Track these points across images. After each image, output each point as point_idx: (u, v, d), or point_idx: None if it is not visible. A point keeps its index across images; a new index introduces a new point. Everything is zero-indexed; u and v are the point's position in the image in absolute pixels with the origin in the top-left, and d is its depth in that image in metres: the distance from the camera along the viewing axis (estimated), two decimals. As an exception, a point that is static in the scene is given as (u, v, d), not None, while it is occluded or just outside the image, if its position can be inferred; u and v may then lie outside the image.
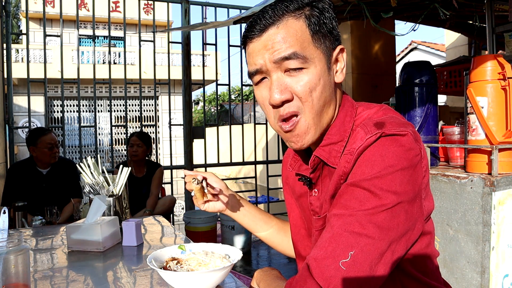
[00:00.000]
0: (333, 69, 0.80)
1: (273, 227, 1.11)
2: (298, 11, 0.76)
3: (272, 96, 0.76)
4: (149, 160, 3.68)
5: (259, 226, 1.10)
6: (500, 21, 2.92)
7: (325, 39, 0.78)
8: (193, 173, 1.02)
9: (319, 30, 0.77)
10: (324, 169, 0.83)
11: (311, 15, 0.77)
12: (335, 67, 0.81)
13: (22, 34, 4.15)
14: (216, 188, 1.03)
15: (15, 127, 3.80)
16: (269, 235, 1.12)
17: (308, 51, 0.75)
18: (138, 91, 4.37)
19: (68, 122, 12.97)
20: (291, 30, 0.75)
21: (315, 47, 0.76)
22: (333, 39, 0.79)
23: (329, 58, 0.78)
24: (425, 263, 0.80)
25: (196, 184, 0.96)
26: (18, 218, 2.18)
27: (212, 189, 1.01)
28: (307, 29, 0.76)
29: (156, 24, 4.32)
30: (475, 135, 1.81)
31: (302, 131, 0.78)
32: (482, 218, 1.69)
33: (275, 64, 0.75)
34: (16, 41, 13.15)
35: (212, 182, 1.04)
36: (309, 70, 0.75)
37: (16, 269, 0.90)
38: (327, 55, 0.78)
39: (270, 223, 1.11)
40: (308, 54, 0.75)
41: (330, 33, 0.78)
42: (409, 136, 0.72)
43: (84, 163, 1.57)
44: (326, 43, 0.78)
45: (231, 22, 3.39)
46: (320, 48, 0.77)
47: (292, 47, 0.74)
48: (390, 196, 0.69)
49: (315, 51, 0.76)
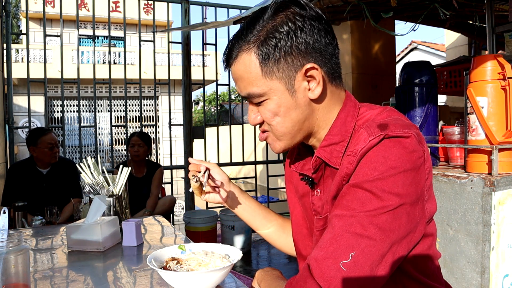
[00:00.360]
0: (302, 88, 0.78)
1: (273, 224, 1.11)
2: (253, 40, 0.77)
3: (249, 120, 0.85)
4: (149, 160, 3.68)
5: (259, 222, 1.10)
6: (500, 21, 2.92)
7: (281, 64, 0.76)
8: (197, 161, 1.03)
9: (272, 58, 0.76)
10: (326, 170, 0.83)
11: (264, 42, 0.76)
12: (307, 84, 0.78)
13: (22, 34, 4.15)
14: (217, 181, 1.03)
15: (15, 127, 3.80)
16: (269, 233, 1.11)
17: (261, 86, 0.78)
18: (138, 91, 4.37)
19: (68, 122, 12.97)
20: (243, 68, 0.79)
21: (267, 78, 0.77)
22: (295, 60, 0.76)
23: (290, 81, 0.77)
24: (427, 265, 0.80)
25: (195, 182, 0.97)
26: (18, 218, 2.18)
27: (213, 182, 1.02)
28: (257, 62, 0.77)
29: (156, 24, 4.32)
30: (475, 135, 1.80)
31: (272, 144, 0.86)
32: (482, 218, 1.69)
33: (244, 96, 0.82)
34: (16, 41, 13.15)
35: (214, 173, 1.04)
36: (270, 100, 0.79)
37: (16, 269, 0.90)
38: (285, 80, 0.77)
39: (270, 219, 1.11)
40: (261, 89, 0.78)
41: (289, 54, 0.76)
42: (413, 138, 0.72)
43: (84, 163, 1.57)
44: (283, 68, 0.76)
45: (231, 22, 3.39)
46: (274, 77, 0.77)
47: (245, 89, 0.80)
48: (392, 198, 0.69)
49: (268, 83, 0.77)
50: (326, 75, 0.80)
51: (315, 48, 0.77)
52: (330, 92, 0.82)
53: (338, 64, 0.82)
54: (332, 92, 0.82)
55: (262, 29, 0.77)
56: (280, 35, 0.75)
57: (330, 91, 0.82)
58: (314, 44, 0.77)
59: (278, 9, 0.77)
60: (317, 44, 0.77)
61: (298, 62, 0.77)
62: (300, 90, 0.78)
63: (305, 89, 0.78)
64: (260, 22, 0.77)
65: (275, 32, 0.76)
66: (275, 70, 0.77)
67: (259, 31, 0.77)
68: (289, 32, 0.75)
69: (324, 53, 0.78)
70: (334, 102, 0.83)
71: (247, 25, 0.79)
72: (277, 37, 0.75)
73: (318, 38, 0.77)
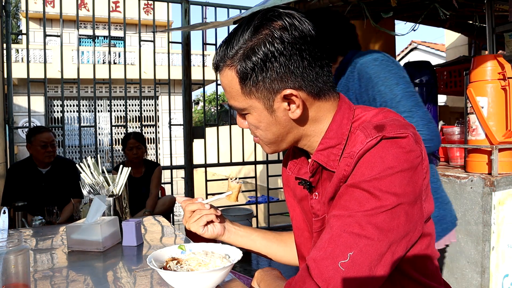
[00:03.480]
0: (282, 108, 0.77)
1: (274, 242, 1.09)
2: (235, 57, 0.76)
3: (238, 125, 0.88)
4: (146, 160, 3.69)
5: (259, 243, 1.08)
6: (500, 21, 2.92)
7: (259, 86, 0.76)
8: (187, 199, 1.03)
9: (250, 79, 0.76)
10: (323, 172, 0.83)
11: (243, 63, 0.75)
12: (287, 105, 0.77)
13: (22, 34, 4.15)
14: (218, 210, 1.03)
15: (15, 127, 3.80)
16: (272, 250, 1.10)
17: (241, 102, 0.80)
18: (138, 91, 4.36)
19: (68, 122, 12.97)
20: (226, 81, 0.80)
21: (247, 97, 0.78)
22: (273, 84, 0.75)
23: (268, 102, 0.77)
24: (425, 265, 0.80)
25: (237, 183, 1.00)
26: (18, 218, 2.18)
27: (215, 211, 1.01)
28: (237, 80, 0.77)
29: (156, 24, 4.32)
30: (475, 135, 1.80)
31: (262, 147, 0.88)
32: (482, 218, 1.69)
33: None
34: (16, 41, 13.15)
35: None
36: (250, 115, 0.81)
37: (16, 269, 0.90)
38: (264, 100, 0.77)
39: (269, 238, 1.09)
40: (242, 105, 0.80)
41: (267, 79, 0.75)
42: (410, 138, 0.72)
43: (84, 163, 1.57)
44: (261, 89, 0.76)
45: (231, 22, 3.39)
46: (253, 97, 0.78)
47: (229, 100, 0.82)
48: (390, 197, 0.69)
49: (247, 100, 0.79)
50: (310, 96, 0.78)
51: (295, 73, 0.75)
52: (316, 107, 0.80)
53: (328, 77, 0.79)
54: (319, 106, 0.80)
55: (246, 45, 0.75)
56: (258, 58, 0.74)
57: (317, 106, 0.80)
58: (295, 70, 0.74)
59: (261, 25, 0.74)
60: (298, 70, 0.75)
61: (277, 85, 0.75)
62: (279, 110, 0.78)
63: (284, 109, 0.78)
64: (244, 36, 0.75)
65: (255, 54, 0.74)
66: (253, 91, 0.77)
67: (240, 47, 0.75)
68: (267, 55, 0.73)
69: (306, 76, 0.76)
70: (324, 113, 0.81)
71: (231, 37, 0.77)
72: (255, 61, 0.74)
73: (300, 62, 0.74)
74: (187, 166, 4.28)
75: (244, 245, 1.07)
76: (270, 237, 1.09)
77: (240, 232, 1.06)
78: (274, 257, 1.10)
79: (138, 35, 4.06)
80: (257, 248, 1.07)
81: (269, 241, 1.08)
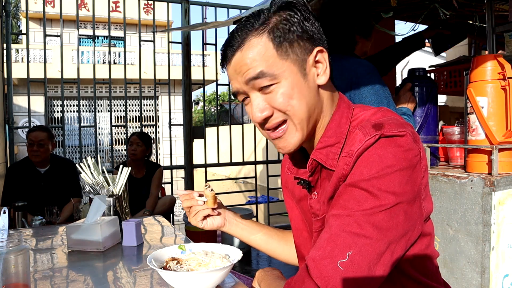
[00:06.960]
0: (312, 73, 0.79)
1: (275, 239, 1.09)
2: (261, 27, 0.77)
3: (254, 116, 0.80)
4: (148, 161, 3.68)
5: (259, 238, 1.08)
6: (500, 21, 2.91)
7: (294, 47, 0.77)
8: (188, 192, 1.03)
9: (286, 40, 0.77)
10: (322, 172, 0.83)
11: (275, 27, 0.77)
12: (315, 70, 0.80)
13: (22, 34, 4.15)
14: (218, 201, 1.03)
15: (15, 127, 3.80)
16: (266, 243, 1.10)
17: (275, 66, 0.76)
18: (138, 91, 4.36)
19: (68, 122, 12.98)
20: (255, 50, 0.76)
21: (283, 59, 0.77)
22: (307, 43, 0.79)
23: (302, 65, 0.78)
24: (425, 264, 0.80)
25: (210, 191, 0.98)
26: (18, 218, 2.18)
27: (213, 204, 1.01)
28: (270, 44, 0.76)
29: (156, 24, 4.32)
30: (475, 135, 1.80)
31: (290, 137, 0.80)
32: (482, 218, 1.69)
33: (248, 85, 0.78)
34: (16, 41, 13.15)
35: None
36: (281, 84, 0.77)
37: (16, 269, 0.90)
38: (299, 62, 0.78)
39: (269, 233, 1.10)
40: (275, 70, 0.76)
41: (301, 38, 0.78)
42: (408, 137, 0.72)
43: (84, 163, 1.57)
44: (296, 50, 0.78)
45: (231, 22, 3.39)
46: (288, 59, 0.77)
47: (257, 67, 0.76)
48: (389, 196, 0.69)
49: (283, 64, 0.77)
50: None
51: (319, 38, 0.80)
52: (329, 86, 0.83)
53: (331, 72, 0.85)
54: (330, 86, 0.83)
55: (269, 20, 0.78)
56: (291, 20, 0.78)
57: (329, 85, 0.83)
58: (317, 34, 0.80)
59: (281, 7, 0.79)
60: (319, 35, 0.81)
61: (309, 45, 0.79)
62: (310, 75, 0.79)
63: (314, 74, 0.80)
64: (265, 15, 0.78)
65: (285, 20, 0.77)
66: (289, 52, 0.77)
67: (266, 20, 0.78)
68: (299, 20, 0.78)
69: (324, 42, 0.82)
70: (332, 98, 0.83)
71: (250, 17, 0.79)
72: (291, 22, 0.77)
73: (320, 29, 0.81)
74: (187, 166, 4.27)
75: (244, 237, 1.08)
76: (272, 233, 1.10)
77: (241, 225, 1.07)
78: (273, 253, 1.10)
79: (138, 35, 4.06)
80: (256, 243, 1.08)
81: (270, 237, 1.09)
